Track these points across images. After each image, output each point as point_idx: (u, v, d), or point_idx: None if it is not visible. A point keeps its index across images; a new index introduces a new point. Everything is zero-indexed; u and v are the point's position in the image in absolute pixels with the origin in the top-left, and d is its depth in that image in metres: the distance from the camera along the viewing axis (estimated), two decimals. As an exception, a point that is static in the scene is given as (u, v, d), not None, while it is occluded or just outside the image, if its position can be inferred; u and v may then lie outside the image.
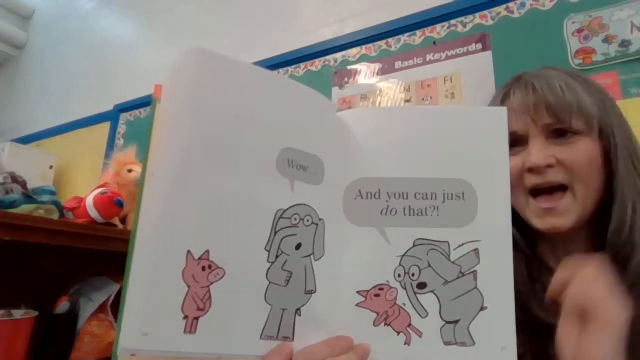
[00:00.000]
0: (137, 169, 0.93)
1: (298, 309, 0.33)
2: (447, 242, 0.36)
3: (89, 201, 0.84)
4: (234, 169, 0.31)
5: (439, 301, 0.35)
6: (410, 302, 0.35)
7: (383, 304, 0.35)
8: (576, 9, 1.01)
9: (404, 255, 0.36)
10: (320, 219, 0.35)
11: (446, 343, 0.34)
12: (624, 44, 0.94)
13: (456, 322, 0.35)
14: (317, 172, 0.36)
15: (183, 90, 0.31)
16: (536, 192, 0.51)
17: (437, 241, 0.36)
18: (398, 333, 0.35)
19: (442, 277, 0.35)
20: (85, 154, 2.04)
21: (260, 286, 0.31)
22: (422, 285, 0.35)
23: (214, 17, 1.83)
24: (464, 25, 1.18)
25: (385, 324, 0.35)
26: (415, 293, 0.35)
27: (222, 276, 0.30)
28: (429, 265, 0.36)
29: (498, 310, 0.35)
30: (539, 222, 0.51)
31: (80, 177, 2.03)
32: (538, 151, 0.50)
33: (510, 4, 1.11)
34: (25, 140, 2.27)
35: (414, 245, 0.36)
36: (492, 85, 1.07)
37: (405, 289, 0.35)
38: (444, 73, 1.17)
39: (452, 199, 0.36)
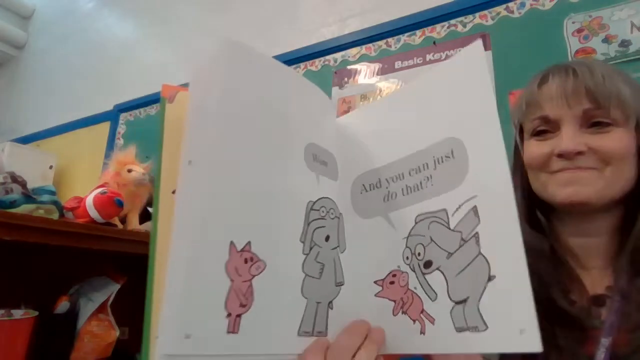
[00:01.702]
0: (137, 169, 0.93)
1: (330, 302, 0.32)
2: (444, 209, 0.32)
3: (89, 201, 0.84)
4: (271, 160, 0.31)
5: (445, 279, 0.31)
6: (421, 285, 0.32)
7: (398, 291, 0.34)
8: (576, 9, 1.01)
9: (408, 236, 0.34)
10: (340, 213, 0.36)
11: (458, 329, 0.29)
12: (624, 44, 0.94)
13: (465, 301, 0.30)
14: (334, 168, 0.37)
15: (221, 81, 0.30)
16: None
17: (435, 212, 0.33)
18: (414, 321, 0.32)
19: (445, 250, 0.32)
20: (85, 154, 2.04)
21: (297, 279, 0.31)
22: (428, 264, 0.32)
23: (214, 17, 1.83)
24: (464, 25, 1.18)
25: (402, 312, 0.33)
26: (423, 274, 0.32)
27: (263, 269, 0.28)
28: (432, 240, 0.32)
29: (509, 280, 0.29)
30: (560, 192, 0.50)
31: (80, 177, 2.03)
32: (570, 138, 0.49)
33: (510, 4, 1.11)
34: (25, 140, 2.27)
35: (415, 223, 0.34)
36: (492, 85, 1.07)
37: (414, 271, 0.33)
38: (444, 73, 1.17)
39: (442, 162, 0.33)
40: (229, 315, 0.26)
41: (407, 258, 0.34)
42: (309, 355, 0.30)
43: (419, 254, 0.33)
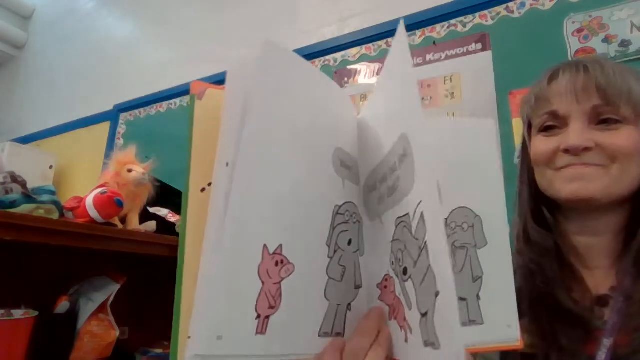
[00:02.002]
0: (137, 169, 0.93)
1: (349, 304, 0.33)
2: (408, 213, 0.30)
3: (89, 201, 0.84)
4: (305, 164, 0.31)
5: (414, 288, 0.30)
6: (402, 292, 0.32)
7: (389, 296, 0.34)
8: (576, 9, 1.01)
9: (392, 240, 0.33)
10: (361, 217, 0.36)
11: (425, 343, 0.28)
12: (624, 44, 0.94)
13: (426, 314, 0.28)
14: (356, 172, 0.37)
15: (260, 83, 0.30)
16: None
17: (403, 216, 0.31)
18: (401, 328, 0.32)
19: (412, 258, 0.30)
20: (85, 154, 2.04)
21: (322, 282, 0.31)
22: (405, 271, 0.31)
23: (214, 17, 1.83)
24: (464, 25, 1.18)
25: (394, 317, 0.33)
26: (402, 281, 0.32)
27: (292, 272, 0.28)
28: (405, 247, 0.31)
29: (447, 297, 0.26)
30: (565, 188, 0.49)
31: (80, 177, 2.03)
32: (577, 134, 0.48)
33: (510, 4, 1.11)
34: (25, 140, 2.27)
35: (395, 227, 0.33)
36: (492, 85, 1.07)
37: (398, 277, 0.32)
38: (444, 73, 1.17)
39: (402, 160, 0.31)
40: (259, 316, 0.26)
41: (392, 263, 0.34)
42: (327, 355, 0.30)
43: (399, 260, 0.33)
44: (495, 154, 0.45)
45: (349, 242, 0.34)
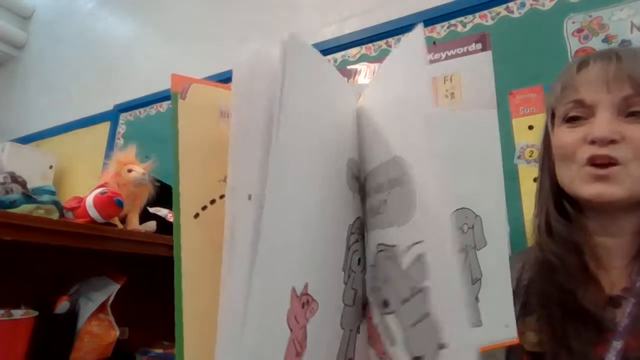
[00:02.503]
0: (137, 169, 0.93)
1: (358, 327, 0.30)
2: (396, 245, 0.26)
3: (89, 201, 0.84)
4: (325, 187, 0.26)
5: (402, 327, 0.26)
6: (382, 324, 0.28)
7: (369, 321, 0.30)
8: (576, 9, 1.01)
9: (372, 265, 0.29)
10: (365, 231, 0.31)
11: None
12: (624, 44, 0.94)
13: (420, 358, 0.25)
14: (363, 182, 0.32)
15: (289, 86, 0.23)
16: (590, 162, 0.48)
17: (390, 246, 0.27)
18: (380, 358, 0.29)
19: (399, 294, 0.26)
20: (85, 154, 2.04)
21: (338, 311, 0.27)
22: (386, 304, 0.27)
23: (214, 17, 1.83)
24: (464, 25, 1.18)
25: (371, 345, 0.30)
26: (382, 313, 0.28)
27: (317, 310, 0.24)
28: (388, 279, 0.28)
29: (460, 353, 0.22)
30: (587, 189, 0.48)
31: (80, 177, 2.03)
32: (605, 124, 0.46)
33: (510, 4, 1.11)
34: (25, 140, 2.27)
35: (377, 252, 0.29)
36: (492, 85, 1.07)
37: (377, 306, 0.28)
38: (444, 73, 1.17)
39: (395, 186, 0.27)
40: None
41: (372, 290, 0.30)
42: None
43: (379, 289, 0.28)
44: (496, 150, 0.43)
45: (359, 262, 0.30)
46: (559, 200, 0.54)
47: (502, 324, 0.38)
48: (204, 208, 0.25)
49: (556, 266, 0.50)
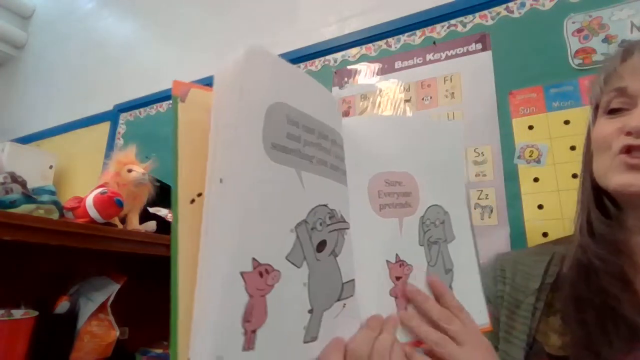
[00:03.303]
0: (137, 169, 0.93)
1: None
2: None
3: (89, 201, 0.84)
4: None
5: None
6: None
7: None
8: (576, 9, 1.01)
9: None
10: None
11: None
12: (624, 44, 0.94)
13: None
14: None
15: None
16: (624, 151, 0.46)
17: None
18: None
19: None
20: (85, 154, 2.04)
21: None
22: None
23: (214, 17, 1.83)
24: (464, 25, 1.18)
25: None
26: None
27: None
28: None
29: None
30: (618, 178, 0.45)
31: (80, 177, 2.03)
32: None
33: (510, 4, 1.11)
34: (25, 140, 2.27)
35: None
36: (492, 85, 1.07)
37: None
38: (444, 73, 1.17)
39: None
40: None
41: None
42: (331, 354, 0.31)
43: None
44: (460, 155, 0.49)
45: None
46: (599, 199, 0.51)
47: (476, 310, 0.43)
48: (199, 195, 0.29)
49: (599, 269, 0.47)
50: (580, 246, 0.51)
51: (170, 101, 0.31)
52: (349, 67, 1.36)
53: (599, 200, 0.51)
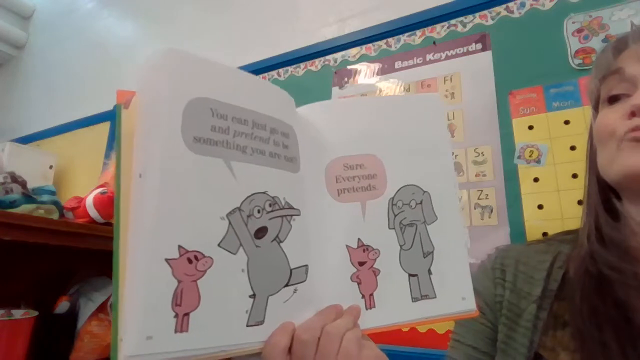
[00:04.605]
0: (137, 169, 0.93)
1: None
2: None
3: (89, 201, 0.84)
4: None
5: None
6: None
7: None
8: (576, 9, 1.01)
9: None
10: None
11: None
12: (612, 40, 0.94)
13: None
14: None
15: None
16: (630, 131, 0.43)
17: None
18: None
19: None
20: (85, 154, 2.04)
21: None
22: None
23: (214, 17, 1.83)
24: (464, 25, 1.18)
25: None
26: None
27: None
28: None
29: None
30: (626, 160, 0.42)
31: (80, 177, 2.03)
32: None
33: (510, 4, 1.11)
34: (25, 140, 2.27)
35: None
36: (492, 85, 1.07)
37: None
38: (444, 73, 1.17)
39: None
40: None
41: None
42: (276, 336, 0.32)
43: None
44: (442, 128, 0.46)
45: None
46: (607, 200, 0.48)
47: (458, 296, 0.40)
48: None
49: (612, 279, 0.43)
50: (590, 255, 0.46)
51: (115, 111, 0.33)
52: (349, 67, 1.36)
53: (607, 202, 0.48)
